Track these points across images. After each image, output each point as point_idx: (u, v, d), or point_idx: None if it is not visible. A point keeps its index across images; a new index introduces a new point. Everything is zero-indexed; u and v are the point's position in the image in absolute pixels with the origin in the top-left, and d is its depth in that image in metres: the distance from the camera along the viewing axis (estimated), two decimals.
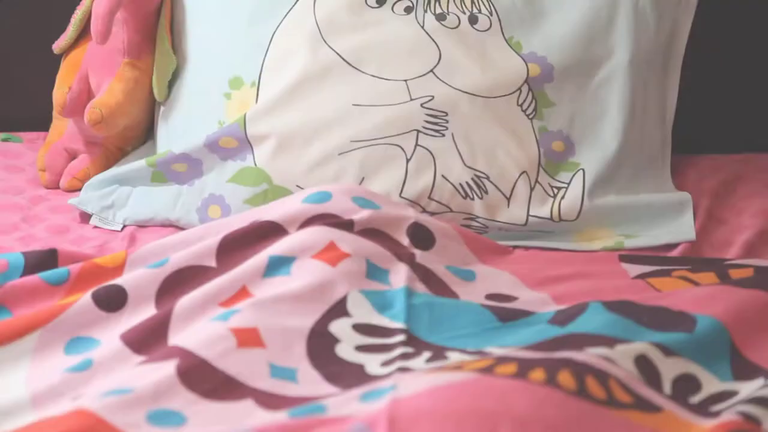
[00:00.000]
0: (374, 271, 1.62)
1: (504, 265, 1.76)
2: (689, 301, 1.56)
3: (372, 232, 1.69)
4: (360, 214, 1.69)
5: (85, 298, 1.58)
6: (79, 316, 1.57)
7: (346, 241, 1.64)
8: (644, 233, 1.98)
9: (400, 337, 1.52)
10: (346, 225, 1.67)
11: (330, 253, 1.61)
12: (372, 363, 1.47)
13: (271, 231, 1.67)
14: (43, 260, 1.69)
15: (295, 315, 1.52)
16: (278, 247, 1.62)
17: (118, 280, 1.61)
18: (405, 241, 1.71)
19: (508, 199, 1.98)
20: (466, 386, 1.33)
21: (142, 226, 2.00)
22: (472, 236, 1.82)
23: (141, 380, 1.40)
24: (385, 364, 1.47)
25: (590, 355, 1.39)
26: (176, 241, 1.72)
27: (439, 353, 1.48)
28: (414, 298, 1.59)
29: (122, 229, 1.99)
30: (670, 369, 1.44)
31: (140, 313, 1.57)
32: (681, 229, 1.98)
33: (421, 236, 1.73)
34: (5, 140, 2.27)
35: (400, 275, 1.63)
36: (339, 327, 1.53)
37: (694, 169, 2.17)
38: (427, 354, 1.48)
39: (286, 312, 1.52)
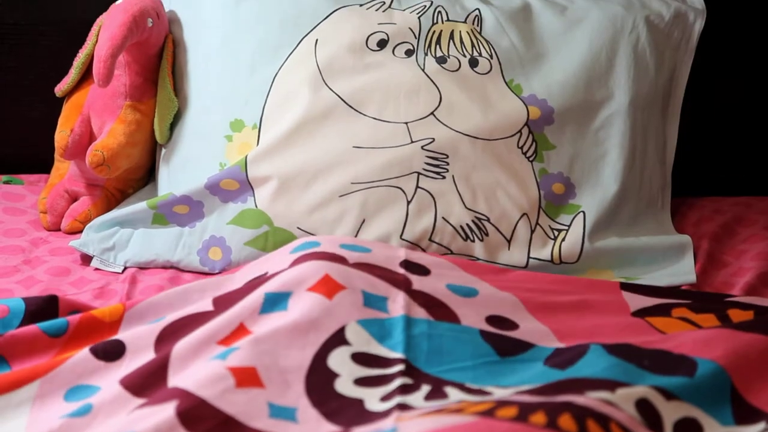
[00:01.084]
0: (371, 300, 1.62)
1: (506, 283, 1.75)
2: (690, 345, 1.55)
3: (365, 266, 1.68)
4: (351, 255, 1.70)
5: (83, 351, 1.58)
6: (79, 366, 1.56)
7: (340, 273, 1.63)
8: (645, 275, 1.98)
9: (399, 367, 1.51)
10: (339, 259, 1.67)
11: (325, 286, 1.61)
12: (371, 398, 1.47)
13: (264, 279, 1.68)
14: (44, 308, 1.69)
15: (293, 349, 1.51)
16: (273, 285, 1.62)
17: (115, 337, 1.62)
18: (400, 270, 1.71)
19: (509, 242, 1.98)
20: (468, 429, 1.32)
21: (143, 268, 2.00)
22: (468, 263, 1.81)
23: (141, 423, 1.39)
24: (385, 398, 1.46)
25: (591, 398, 1.39)
26: (174, 298, 1.71)
27: (438, 388, 1.48)
28: (413, 327, 1.58)
29: (123, 271, 1.99)
30: (671, 413, 1.44)
31: (139, 360, 1.57)
32: (681, 271, 1.98)
33: (416, 268, 1.73)
34: (7, 182, 2.27)
35: (398, 303, 1.63)
36: (338, 359, 1.52)
37: (694, 212, 2.17)
38: (426, 388, 1.48)
39: (284, 347, 1.51)
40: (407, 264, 1.72)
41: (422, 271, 1.71)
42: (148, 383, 1.51)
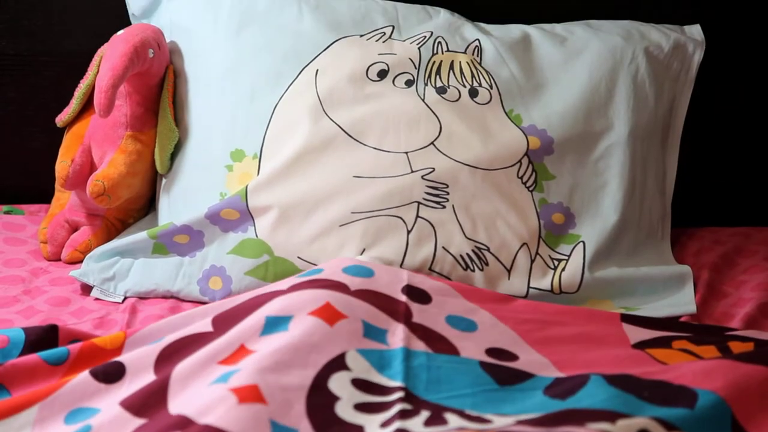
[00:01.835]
0: (371, 331, 1.62)
1: (506, 313, 1.75)
2: (690, 376, 1.55)
3: (366, 294, 1.68)
4: (353, 281, 1.70)
5: (83, 374, 1.58)
6: (78, 389, 1.56)
7: (342, 302, 1.63)
8: (645, 306, 1.98)
9: (399, 395, 1.51)
10: (341, 287, 1.67)
11: (326, 312, 1.61)
12: (371, 424, 1.47)
13: (266, 300, 1.67)
14: (44, 338, 1.69)
15: (294, 368, 1.51)
16: (273, 307, 1.62)
17: (115, 358, 1.62)
18: (402, 298, 1.70)
19: (509, 271, 1.98)
20: None
21: (143, 297, 2.00)
22: (469, 289, 1.81)
23: None
24: (384, 424, 1.46)
25: (591, 429, 1.38)
26: (175, 324, 1.71)
27: (437, 414, 1.48)
28: (412, 359, 1.59)
29: (123, 300, 1.99)
30: None
31: (140, 382, 1.57)
32: (682, 301, 1.98)
33: (417, 295, 1.73)
34: (7, 212, 2.28)
35: (397, 335, 1.62)
36: (338, 383, 1.52)
37: (694, 242, 2.17)
38: (425, 413, 1.47)
39: (285, 365, 1.51)
40: (409, 290, 1.72)
41: (424, 298, 1.71)
42: (148, 404, 1.51)
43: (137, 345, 1.67)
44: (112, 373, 1.58)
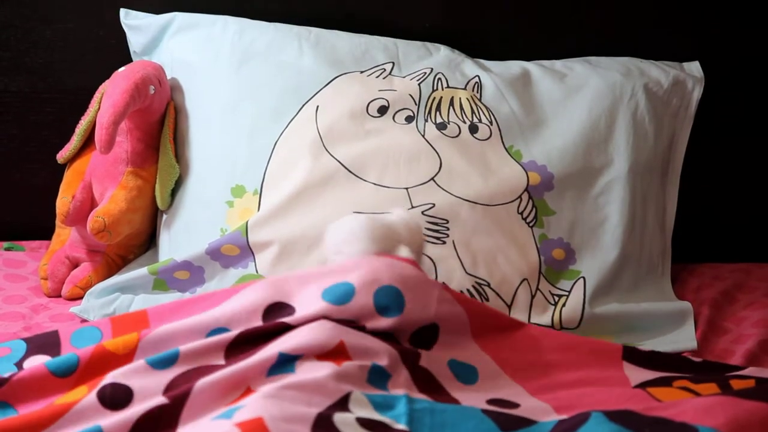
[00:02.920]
0: (376, 376, 1.61)
1: (507, 353, 1.72)
2: (691, 412, 1.54)
3: (383, 335, 1.66)
4: (376, 324, 1.66)
5: (90, 396, 1.56)
6: (84, 415, 1.55)
7: (355, 343, 1.61)
8: (645, 342, 1.98)
9: None
10: (359, 327, 1.66)
11: (337, 354, 1.60)
12: None
13: (284, 331, 1.66)
14: (46, 342, 1.69)
15: (299, 405, 1.51)
16: (288, 343, 1.59)
17: (124, 380, 1.59)
18: (407, 339, 1.69)
19: (509, 307, 1.98)
20: None
21: None
22: (479, 312, 1.75)
23: None
24: None
25: None
26: (188, 329, 1.68)
27: None
28: (415, 403, 1.58)
29: None
30: None
31: (146, 406, 1.56)
32: (682, 338, 1.98)
33: (426, 336, 1.70)
34: (8, 249, 2.28)
35: (400, 380, 1.62)
36: (343, 419, 1.52)
37: (694, 278, 2.17)
38: None
39: (290, 400, 1.51)
40: (422, 329, 1.70)
41: (432, 337, 1.69)
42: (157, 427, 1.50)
43: (150, 350, 1.63)
44: (119, 399, 1.56)
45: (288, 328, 1.64)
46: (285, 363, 1.58)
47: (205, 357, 1.62)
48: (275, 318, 1.65)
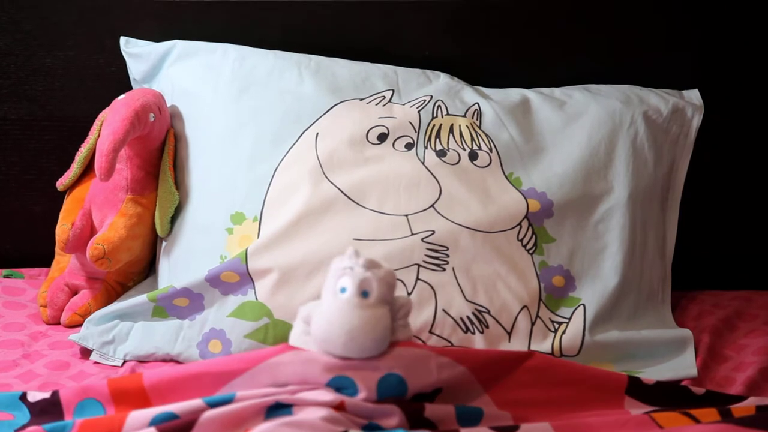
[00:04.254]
0: (373, 423, 1.61)
1: (511, 393, 1.71)
2: None
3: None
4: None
5: None
6: None
7: (355, 402, 1.62)
8: (646, 369, 1.97)
9: None
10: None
11: (335, 408, 1.60)
12: None
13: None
14: (46, 409, 1.69)
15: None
16: (287, 397, 1.61)
17: None
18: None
19: (509, 334, 1.97)
20: None
21: (142, 361, 1.99)
22: (484, 365, 1.73)
23: None
24: None
25: None
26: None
27: None
28: None
29: (122, 364, 1.98)
30: None
31: None
32: (682, 365, 1.97)
33: (428, 393, 1.69)
34: (7, 276, 2.27)
35: (393, 423, 1.61)
36: None
37: (694, 305, 2.17)
38: None
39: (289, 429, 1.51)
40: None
41: (434, 393, 1.68)
42: None
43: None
44: None
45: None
46: (283, 407, 1.58)
47: None
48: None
